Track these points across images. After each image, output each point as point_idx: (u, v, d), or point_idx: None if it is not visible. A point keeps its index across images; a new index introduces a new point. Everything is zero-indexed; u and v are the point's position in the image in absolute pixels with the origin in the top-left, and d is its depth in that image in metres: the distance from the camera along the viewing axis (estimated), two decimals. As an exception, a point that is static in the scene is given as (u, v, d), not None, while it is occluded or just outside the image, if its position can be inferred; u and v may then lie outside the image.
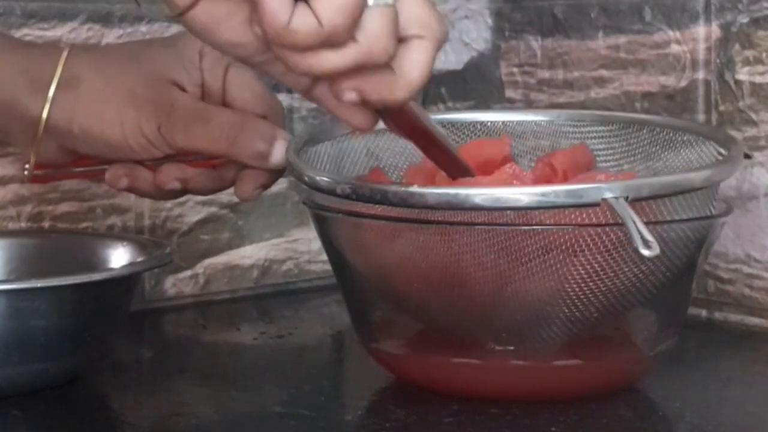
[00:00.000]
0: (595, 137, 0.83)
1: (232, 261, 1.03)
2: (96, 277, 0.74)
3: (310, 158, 0.78)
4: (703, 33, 0.94)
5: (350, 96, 0.62)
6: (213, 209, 1.01)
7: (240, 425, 0.70)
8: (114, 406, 0.77)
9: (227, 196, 1.01)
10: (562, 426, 0.68)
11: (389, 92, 0.62)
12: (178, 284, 1.00)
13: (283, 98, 1.03)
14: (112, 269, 0.80)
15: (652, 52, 0.97)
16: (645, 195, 0.66)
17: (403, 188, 0.68)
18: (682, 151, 0.79)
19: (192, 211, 1.00)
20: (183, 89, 0.78)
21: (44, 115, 0.76)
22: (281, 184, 1.04)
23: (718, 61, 0.93)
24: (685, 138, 0.79)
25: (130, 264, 0.79)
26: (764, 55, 0.90)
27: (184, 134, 0.76)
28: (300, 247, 1.06)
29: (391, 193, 0.68)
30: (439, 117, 0.84)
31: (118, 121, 0.76)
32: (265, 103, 0.80)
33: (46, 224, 0.93)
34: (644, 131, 0.82)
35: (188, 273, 1.00)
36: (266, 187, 0.80)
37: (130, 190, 0.80)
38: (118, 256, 0.82)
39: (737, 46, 0.92)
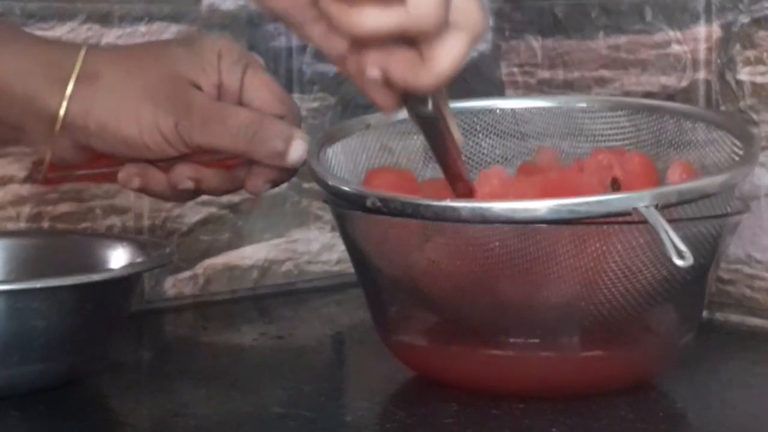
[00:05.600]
0: (606, 123, 0.83)
1: (232, 261, 1.03)
2: (95, 277, 0.73)
3: (328, 158, 0.78)
4: (704, 33, 0.93)
5: (374, 73, 0.61)
6: (212, 210, 1.01)
7: (240, 426, 0.70)
8: (114, 407, 0.77)
9: (227, 196, 1.01)
10: (562, 426, 0.68)
11: (414, 77, 0.61)
12: (177, 285, 1.00)
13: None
14: (111, 270, 0.79)
15: (653, 52, 0.97)
16: (674, 201, 0.67)
17: (435, 202, 0.68)
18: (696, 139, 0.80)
19: (192, 211, 1.00)
20: (200, 89, 0.78)
21: (62, 109, 0.76)
22: (281, 185, 1.04)
23: (719, 61, 0.93)
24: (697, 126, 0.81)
25: (130, 264, 0.79)
26: (765, 55, 0.90)
27: (202, 132, 0.76)
28: (300, 248, 1.06)
29: (423, 206, 0.68)
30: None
31: (134, 117, 0.76)
32: (282, 103, 0.80)
33: (46, 225, 0.93)
34: (654, 117, 0.82)
35: (188, 273, 1.00)
36: (276, 183, 0.80)
37: (143, 190, 0.80)
38: (118, 257, 0.82)
39: (738, 46, 0.92)
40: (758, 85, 0.91)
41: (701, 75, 0.94)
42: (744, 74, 0.91)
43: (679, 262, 0.63)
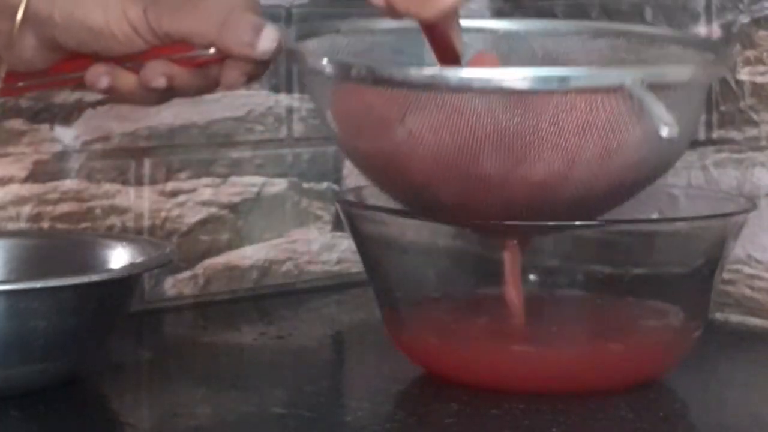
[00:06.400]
0: (571, 48, 0.83)
1: (232, 261, 1.02)
2: (96, 277, 0.73)
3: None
4: (704, 33, 0.93)
5: (379, 1, 0.62)
6: (213, 210, 1.01)
7: (240, 426, 0.70)
8: (113, 407, 0.77)
9: (227, 196, 1.01)
10: (562, 427, 0.68)
11: (418, 7, 0.61)
12: (177, 285, 0.99)
13: (283, 98, 1.03)
14: (111, 270, 0.79)
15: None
16: (660, 81, 0.67)
17: (424, 70, 0.67)
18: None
19: (191, 211, 1.00)
20: None
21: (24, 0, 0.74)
22: (281, 185, 1.04)
23: (718, 61, 0.93)
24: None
25: (130, 265, 0.79)
26: (765, 55, 0.90)
27: (171, 18, 0.74)
28: (299, 248, 1.06)
29: (413, 75, 0.67)
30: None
31: (101, 5, 0.74)
32: (250, 4, 0.78)
33: (46, 225, 0.93)
34: (621, 40, 0.82)
35: (188, 273, 1.00)
36: (252, 77, 0.78)
37: (112, 91, 0.77)
38: (118, 257, 0.82)
39: (738, 46, 0.92)
40: (758, 85, 0.91)
41: (701, 75, 0.94)
42: (744, 74, 0.91)
43: (664, 131, 0.64)
